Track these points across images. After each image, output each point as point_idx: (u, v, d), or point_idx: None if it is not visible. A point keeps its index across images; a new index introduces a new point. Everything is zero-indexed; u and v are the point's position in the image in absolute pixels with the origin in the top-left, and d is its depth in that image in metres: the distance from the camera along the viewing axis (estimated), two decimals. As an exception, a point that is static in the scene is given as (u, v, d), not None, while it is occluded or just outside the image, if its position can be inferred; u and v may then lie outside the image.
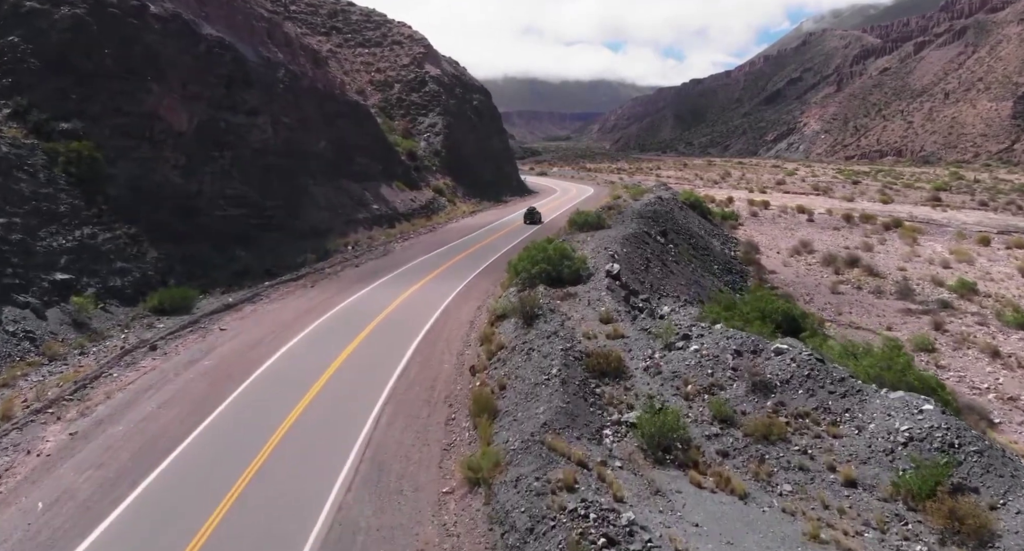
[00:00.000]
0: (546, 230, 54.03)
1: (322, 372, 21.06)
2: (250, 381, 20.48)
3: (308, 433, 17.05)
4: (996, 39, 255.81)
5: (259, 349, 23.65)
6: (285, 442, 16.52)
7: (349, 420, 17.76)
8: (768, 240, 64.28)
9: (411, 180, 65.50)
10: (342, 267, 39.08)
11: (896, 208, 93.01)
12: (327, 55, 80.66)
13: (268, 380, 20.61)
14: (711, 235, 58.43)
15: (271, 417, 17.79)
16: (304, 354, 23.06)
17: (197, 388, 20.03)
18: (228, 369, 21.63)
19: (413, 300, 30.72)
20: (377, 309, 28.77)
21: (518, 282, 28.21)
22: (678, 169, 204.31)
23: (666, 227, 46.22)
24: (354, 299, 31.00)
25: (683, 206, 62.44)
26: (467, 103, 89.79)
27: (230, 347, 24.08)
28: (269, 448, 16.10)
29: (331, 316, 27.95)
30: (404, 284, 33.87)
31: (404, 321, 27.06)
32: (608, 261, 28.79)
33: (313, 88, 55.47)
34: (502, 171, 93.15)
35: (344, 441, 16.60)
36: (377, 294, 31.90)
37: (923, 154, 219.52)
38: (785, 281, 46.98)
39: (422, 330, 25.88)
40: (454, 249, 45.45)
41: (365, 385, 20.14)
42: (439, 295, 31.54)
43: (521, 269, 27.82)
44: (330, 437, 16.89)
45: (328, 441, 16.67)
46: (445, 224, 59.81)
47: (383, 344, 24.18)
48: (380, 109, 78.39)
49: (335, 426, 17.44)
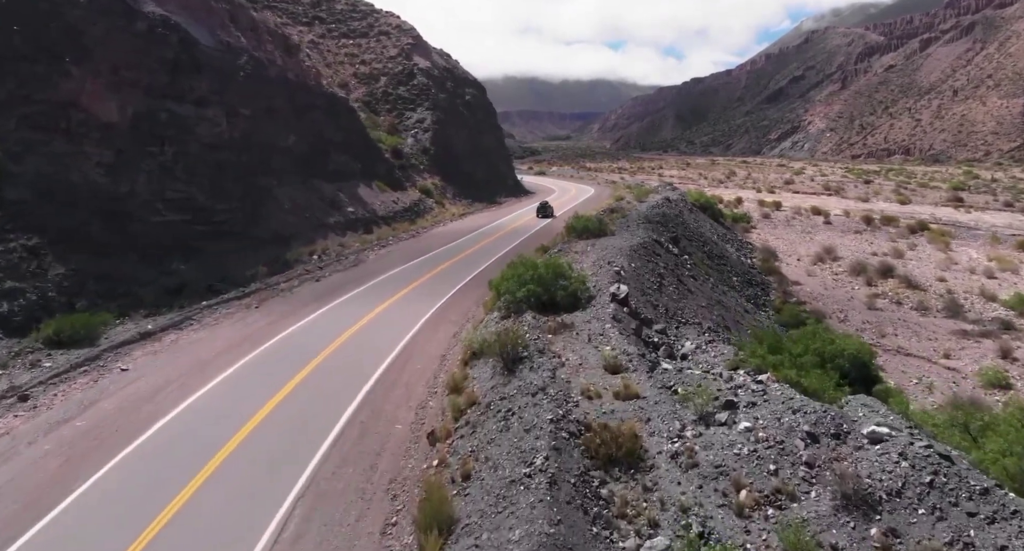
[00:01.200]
0: (542, 235, 48.47)
1: (225, 441, 15.40)
2: (121, 457, 14.83)
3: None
4: (1005, 35, 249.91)
5: (157, 401, 17.99)
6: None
7: (241, 530, 12.12)
8: (786, 245, 58.63)
9: (395, 180, 59.85)
10: (300, 281, 33.40)
11: (916, 209, 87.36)
12: (308, 45, 75.12)
13: (145, 456, 14.95)
14: (725, 240, 52.78)
15: (127, 527, 12.15)
16: (211, 410, 17.40)
17: (45, 470, 14.39)
18: (102, 435, 15.98)
19: (376, 325, 25.08)
20: (327, 339, 23.12)
21: (501, 306, 22.55)
22: (681, 168, 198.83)
23: (677, 233, 40.58)
24: (303, 324, 25.34)
25: (692, 208, 56.78)
26: (459, 98, 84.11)
27: (122, 397, 18.42)
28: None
29: (267, 349, 22.29)
30: (369, 303, 28.22)
31: (357, 357, 21.41)
32: (613, 280, 23.15)
33: (282, 78, 49.80)
34: (496, 170, 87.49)
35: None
36: (333, 317, 26.26)
37: (932, 153, 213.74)
38: (812, 294, 41.34)
39: (377, 370, 20.23)
40: (436, 258, 39.81)
41: (279, 463, 14.51)
42: (408, 318, 25.92)
43: (505, 291, 22.14)
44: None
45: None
46: (430, 228, 54.15)
47: (322, 393, 18.54)
48: (364, 103, 72.77)
49: (216, 544, 11.80)
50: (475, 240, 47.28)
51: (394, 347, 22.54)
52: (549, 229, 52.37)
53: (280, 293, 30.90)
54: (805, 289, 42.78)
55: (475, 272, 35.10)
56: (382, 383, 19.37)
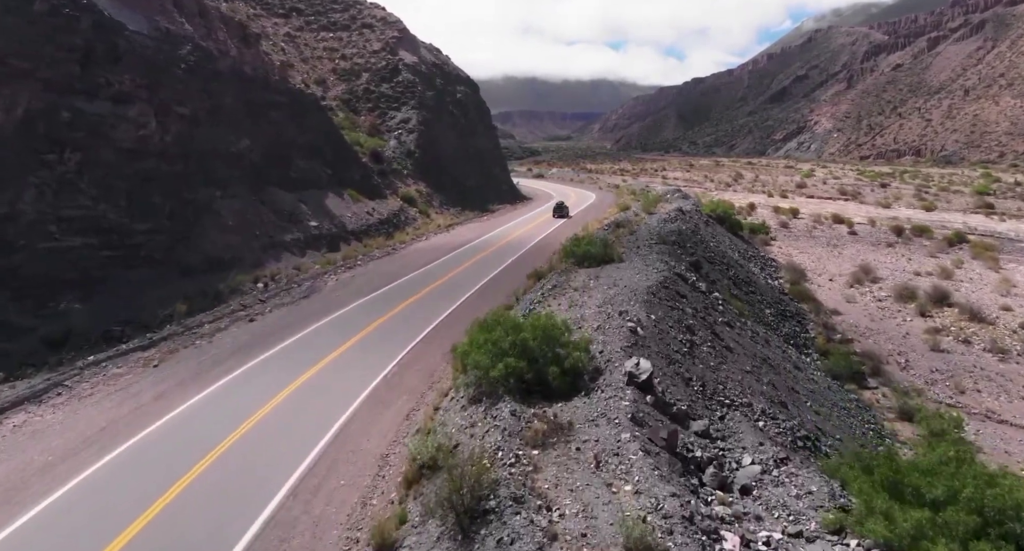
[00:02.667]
0: (538, 253, 41.76)
1: None
2: None
3: None
4: (1017, 33, 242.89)
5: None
6: None
7: None
8: (813, 262, 51.87)
9: (371, 187, 53.12)
10: (230, 322, 26.66)
11: (944, 217, 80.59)
12: (284, 38, 68.51)
13: None
14: (747, 258, 46.04)
15: None
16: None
17: None
18: None
19: (304, 398, 18.35)
20: (225, 427, 16.39)
21: (470, 383, 15.84)
22: (684, 170, 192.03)
23: (698, 256, 33.87)
24: (204, 397, 18.59)
25: (708, 220, 50.02)
26: (449, 96, 77.38)
27: None
28: None
29: (130, 450, 15.54)
30: (306, 358, 21.52)
31: (258, 463, 14.70)
32: (628, 343, 16.46)
33: (236, 72, 43.13)
34: (490, 174, 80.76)
35: None
36: (250, 383, 19.53)
37: (944, 154, 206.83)
38: (857, 328, 34.59)
39: (279, 493, 13.54)
40: (409, 285, 33.10)
41: None
42: (352, 384, 19.24)
43: (474, 365, 15.37)
44: None
45: None
46: (410, 243, 47.40)
47: (182, 542, 11.84)
48: (343, 102, 66.15)
49: None
50: (460, 259, 40.57)
51: (318, 440, 15.86)
52: (548, 244, 45.71)
53: (197, 341, 24.14)
54: (847, 320, 36.01)
55: (453, 306, 28.42)
56: (279, 522, 12.65)
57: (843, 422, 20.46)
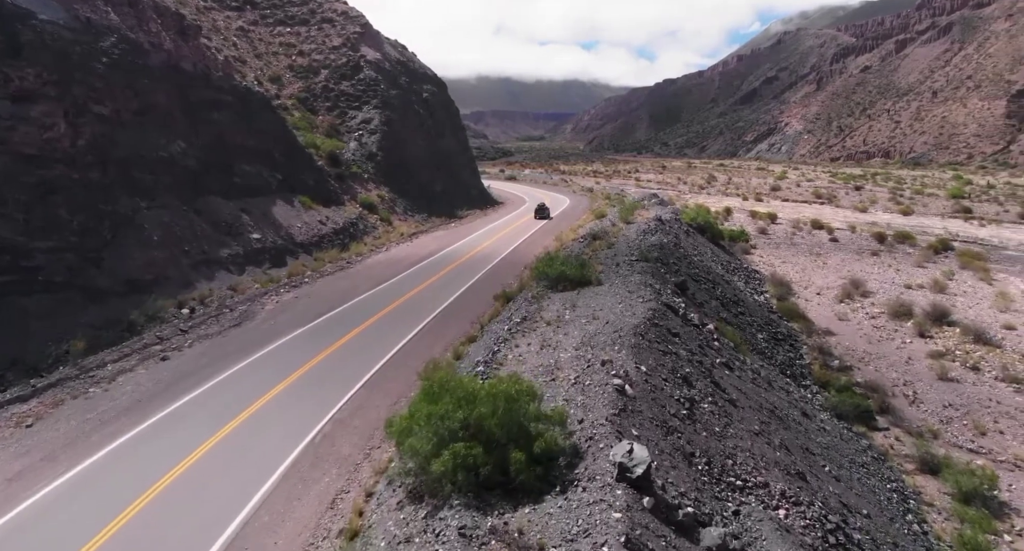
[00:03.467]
0: (509, 268, 38.21)
1: None
2: None
3: None
4: (984, 36, 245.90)
5: None
6: None
7: None
8: (797, 273, 49.08)
9: (327, 193, 48.98)
10: (138, 361, 22.53)
11: (923, 222, 78.91)
12: (236, 33, 63.90)
13: None
14: (731, 271, 42.99)
15: None
16: None
17: None
18: None
19: (192, 487, 14.41)
20: (73, 541, 12.44)
21: (408, 474, 12.11)
22: (657, 172, 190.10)
23: (683, 274, 30.56)
24: (60, 488, 14.48)
25: (689, 230, 46.89)
26: (414, 95, 73.34)
27: None
28: None
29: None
30: (213, 416, 17.59)
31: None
32: (613, 409, 12.94)
33: (171, 67, 38.77)
34: (458, 178, 76.90)
35: None
36: (129, 461, 15.52)
37: (913, 155, 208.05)
38: (855, 352, 31.60)
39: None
40: (357, 310, 29.23)
41: None
42: (264, 459, 15.41)
43: (411, 451, 11.63)
44: None
45: None
46: (368, 256, 43.41)
47: None
48: (300, 101, 61.79)
49: None
50: (421, 275, 36.77)
51: (209, 545, 12.02)
52: (519, 256, 42.15)
53: (91, 388, 20.01)
54: (842, 342, 33.03)
55: (407, 337, 24.67)
56: None
57: (865, 486, 17.23)
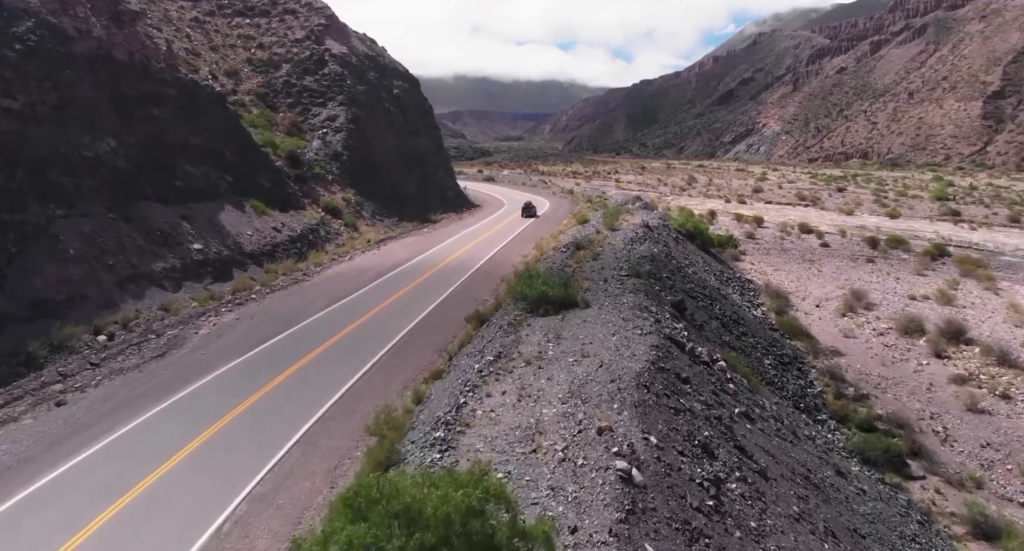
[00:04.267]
0: (485, 279, 34.53)
1: None
2: None
3: None
4: (958, 37, 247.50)
5: None
6: None
7: None
8: (793, 282, 46.01)
9: (284, 197, 44.81)
10: (28, 407, 18.37)
11: (912, 225, 76.68)
12: (191, 23, 59.34)
13: None
14: (724, 281, 39.69)
15: None
16: None
17: None
18: None
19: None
20: None
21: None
22: (637, 173, 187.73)
23: (679, 290, 27.06)
24: None
25: (679, 237, 43.52)
26: (384, 91, 69.23)
27: None
28: None
29: None
30: (97, 491, 13.65)
31: None
32: (620, 517, 9.31)
33: (102, 57, 34.42)
34: (432, 179, 72.92)
35: None
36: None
37: (891, 156, 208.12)
38: (869, 377, 28.37)
39: None
40: (304, 337, 25.26)
41: None
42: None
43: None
44: None
45: None
46: (328, 266, 39.37)
47: None
48: (259, 96, 57.43)
49: None
50: (384, 290, 32.86)
51: None
52: (497, 266, 38.45)
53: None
54: (852, 363, 29.81)
55: (358, 375, 20.78)
56: None
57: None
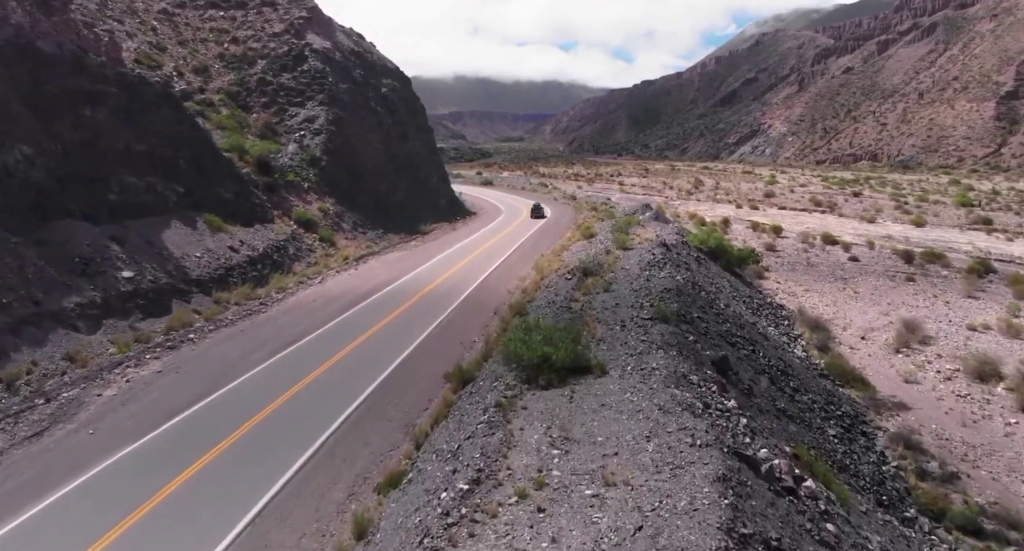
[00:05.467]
0: (478, 307, 29.05)
1: None
2: None
3: None
4: (968, 36, 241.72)
5: None
6: None
7: None
8: (828, 306, 40.44)
9: (249, 209, 39.25)
10: None
11: (943, 235, 71.01)
12: (158, 15, 53.88)
13: None
14: (755, 310, 34.06)
15: None
16: None
17: None
18: None
19: None
20: None
21: None
22: (641, 175, 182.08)
23: (714, 335, 21.46)
24: None
25: (699, 256, 37.88)
26: (371, 90, 63.65)
27: None
28: None
29: None
30: None
31: None
32: None
33: (22, 50, 28.92)
34: (423, 186, 67.31)
35: None
36: None
37: (901, 158, 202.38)
38: (951, 444, 22.76)
39: None
40: (235, 403, 19.60)
41: None
42: None
43: None
44: None
45: None
46: (292, 293, 33.71)
47: None
48: (230, 95, 51.89)
49: None
50: (350, 329, 27.20)
51: None
52: (492, 292, 32.89)
53: None
54: (926, 423, 24.21)
55: (288, 475, 15.10)
56: None
57: None
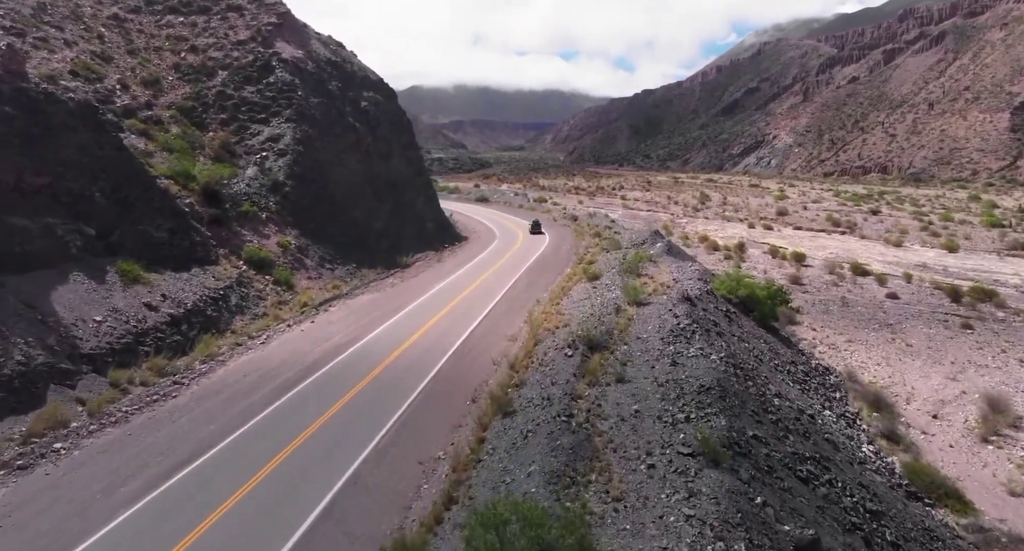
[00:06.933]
0: (451, 391, 22.35)
1: None
2: None
3: None
4: (979, 45, 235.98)
5: None
6: None
7: None
8: (879, 365, 33.71)
9: (184, 250, 32.55)
10: None
11: (981, 264, 64.32)
12: (107, 22, 47.59)
13: None
14: (803, 383, 27.24)
15: None
16: None
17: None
18: None
19: None
20: None
21: None
22: (643, 189, 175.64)
23: (778, 469, 14.70)
24: None
25: (729, 311, 31.08)
26: (349, 104, 57.18)
27: None
28: None
29: None
30: None
31: None
32: None
33: None
34: (408, 210, 60.69)
35: None
36: None
37: (913, 171, 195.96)
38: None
39: None
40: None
41: None
42: None
43: None
44: None
45: None
46: (220, 365, 26.87)
47: None
48: (183, 111, 45.41)
49: None
50: (277, 431, 20.40)
51: None
52: (474, 359, 26.21)
53: None
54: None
55: None
56: None
57: None
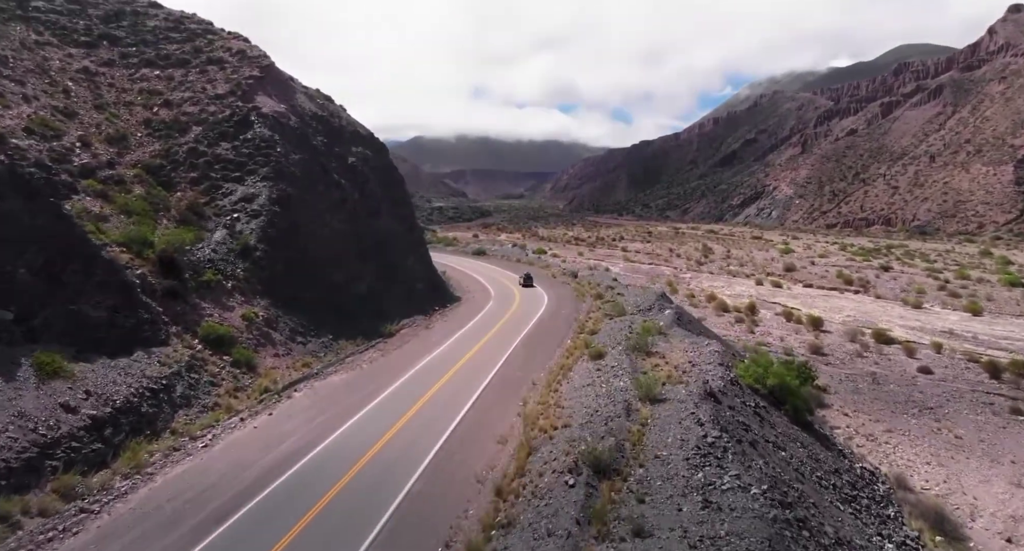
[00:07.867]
0: (425, 522, 17.46)
1: None
2: None
3: None
4: (977, 99, 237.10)
5: None
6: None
7: None
8: (929, 465, 29.02)
9: (127, 331, 28.14)
10: None
11: (1012, 330, 59.93)
12: (78, 75, 44.59)
13: None
14: (851, 500, 22.46)
15: None
16: None
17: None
18: None
19: None
20: None
21: None
22: (644, 240, 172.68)
23: None
24: None
25: (758, 405, 26.46)
26: (333, 160, 53.75)
27: None
28: None
29: None
30: None
31: None
32: None
33: None
34: (396, 271, 56.59)
35: None
36: None
37: (917, 223, 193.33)
38: None
39: None
40: None
41: None
42: None
43: None
44: None
45: None
46: (150, 477, 22.13)
47: None
48: (149, 170, 41.84)
49: None
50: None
51: None
52: (457, 470, 21.47)
53: None
54: None
55: None
56: None
57: None
